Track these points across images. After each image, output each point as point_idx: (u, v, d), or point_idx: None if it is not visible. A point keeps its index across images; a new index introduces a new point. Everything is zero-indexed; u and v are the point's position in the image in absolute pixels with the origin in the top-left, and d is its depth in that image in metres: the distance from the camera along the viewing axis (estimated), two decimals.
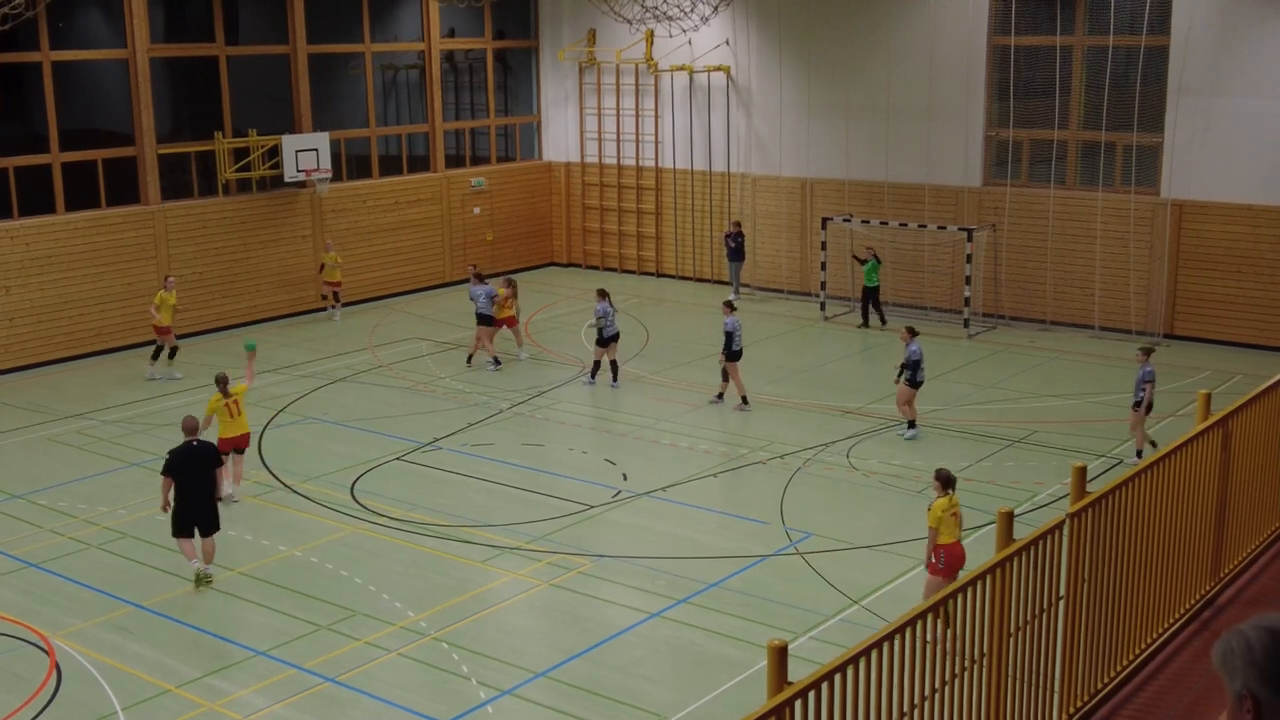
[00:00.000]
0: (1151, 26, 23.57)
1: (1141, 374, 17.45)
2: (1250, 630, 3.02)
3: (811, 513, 16.16)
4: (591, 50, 31.07)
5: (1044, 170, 25.71)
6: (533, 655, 12.60)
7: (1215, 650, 3.09)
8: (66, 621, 13.45)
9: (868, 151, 27.25)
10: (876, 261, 25.47)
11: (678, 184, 30.50)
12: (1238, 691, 3.03)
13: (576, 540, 15.39)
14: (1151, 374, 17.42)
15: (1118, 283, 24.65)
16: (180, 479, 14.23)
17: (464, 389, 21.70)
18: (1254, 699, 3.00)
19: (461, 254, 30.27)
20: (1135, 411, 17.51)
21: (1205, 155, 23.51)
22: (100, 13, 25.19)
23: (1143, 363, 17.57)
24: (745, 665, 12.15)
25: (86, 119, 25.28)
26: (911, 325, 19.55)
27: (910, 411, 18.94)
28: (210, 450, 14.66)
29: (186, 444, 14.46)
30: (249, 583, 14.37)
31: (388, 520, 16.08)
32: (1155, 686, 8.43)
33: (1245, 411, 9.62)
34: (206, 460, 14.46)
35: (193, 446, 14.43)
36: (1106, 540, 8.05)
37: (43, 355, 23.50)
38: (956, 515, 12.37)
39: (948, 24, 25.77)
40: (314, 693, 11.92)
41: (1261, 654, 2.98)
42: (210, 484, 14.47)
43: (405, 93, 30.43)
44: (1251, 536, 10.12)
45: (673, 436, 19.42)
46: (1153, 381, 17.42)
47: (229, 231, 26.22)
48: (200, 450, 14.44)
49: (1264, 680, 2.98)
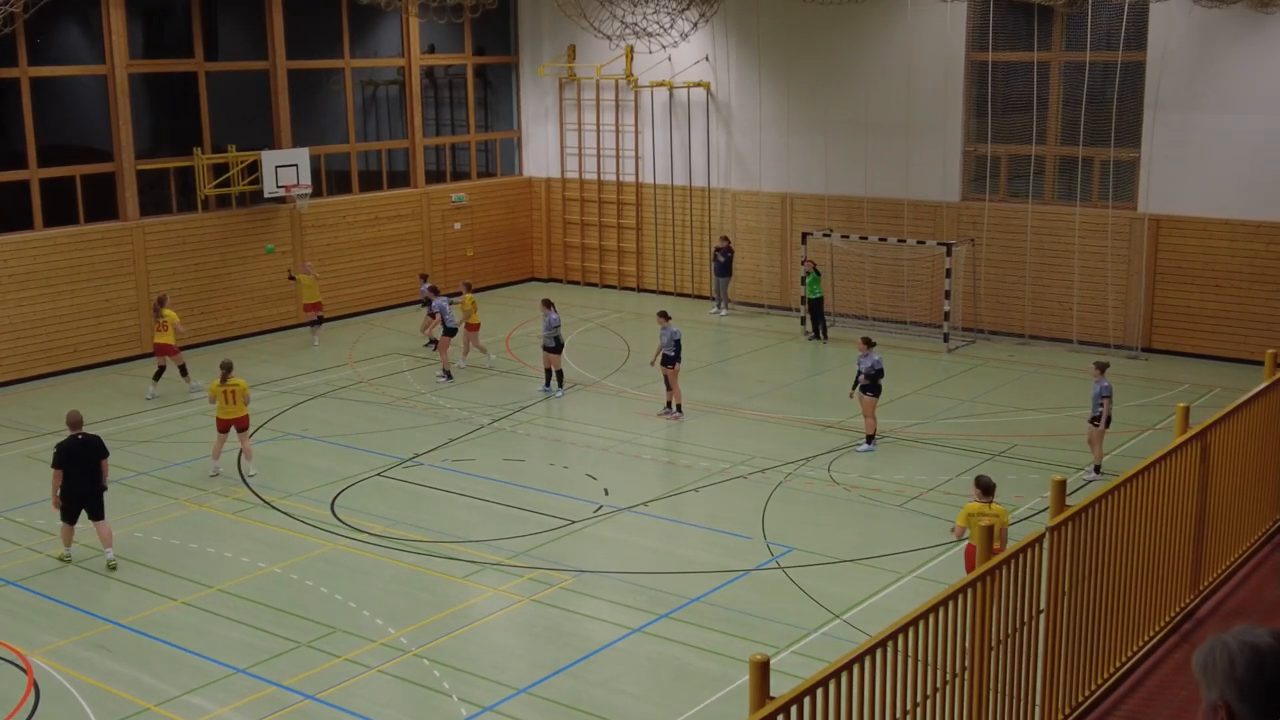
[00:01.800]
0: (1128, 42, 23.74)
1: (1098, 389, 17.55)
2: (1234, 643, 3.03)
3: (793, 527, 16.17)
4: (571, 66, 31.12)
5: (1022, 185, 25.84)
6: (514, 671, 12.56)
7: (1196, 656, 3.11)
8: (44, 639, 13.36)
9: (847, 167, 27.35)
10: (816, 274, 25.62)
11: (658, 199, 30.55)
12: (1213, 701, 3.05)
13: (558, 555, 15.36)
14: (1108, 389, 17.52)
15: (1096, 297, 24.78)
16: (68, 471, 15.01)
17: (444, 404, 21.66)
18: (1229, 711, 3.02)
19: (442, 269, 30.23)
20: (1095, 426, 17.59)
21: (1182, 170, 23.66)
22: (79, 29, 25.13)
23: (1098, 378, 17.67)
24: (727, 680, 12.14)
25: (65, 135, 25.20)
26: (868, 336, 19.70)
27: (872, 425, 19.05)
28: (95, 443, 15.34)
29: (72, 437, 15.22)
30: (228, 600, 14.30)
31: (368, 536, 16.03)
32: (1136, 699, 8.46)
33: (1223, 425, 9.67)
34: (92, 451, 15.21)
35: (78, 440, 15.20)
36: (1086, 553, 8.08)
37: (21, 372, 23.37)
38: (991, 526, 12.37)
39: (926, 40, 25.90)
40: (294, 710, 11.86)
41: (1243, 669, 2.99)
42: (97, 474, 15.19)
43: (385, 108, 30.42)
44: (1231, 549, 10.17)
45: (654, 451, 19.42)
46: (1110, 397, 17.51)
47: (208, 247, 26.14)
48: (85, 443, 15.22)
49: (1241, 696, 3.00)
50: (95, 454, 15.20)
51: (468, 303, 23.94)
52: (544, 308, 22.20)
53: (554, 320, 21.86)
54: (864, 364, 18.88)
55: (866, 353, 18.93)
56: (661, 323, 20.83)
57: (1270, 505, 10.91)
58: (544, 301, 22.46)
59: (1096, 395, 17.54)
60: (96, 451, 15.22)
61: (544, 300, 22.54)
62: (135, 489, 17.89)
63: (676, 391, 20.78)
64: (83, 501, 15.12)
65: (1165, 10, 22.81)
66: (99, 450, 15.25)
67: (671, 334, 20.59)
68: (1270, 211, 22.92)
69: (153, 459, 19.18)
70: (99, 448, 15.28)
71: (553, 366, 22.05)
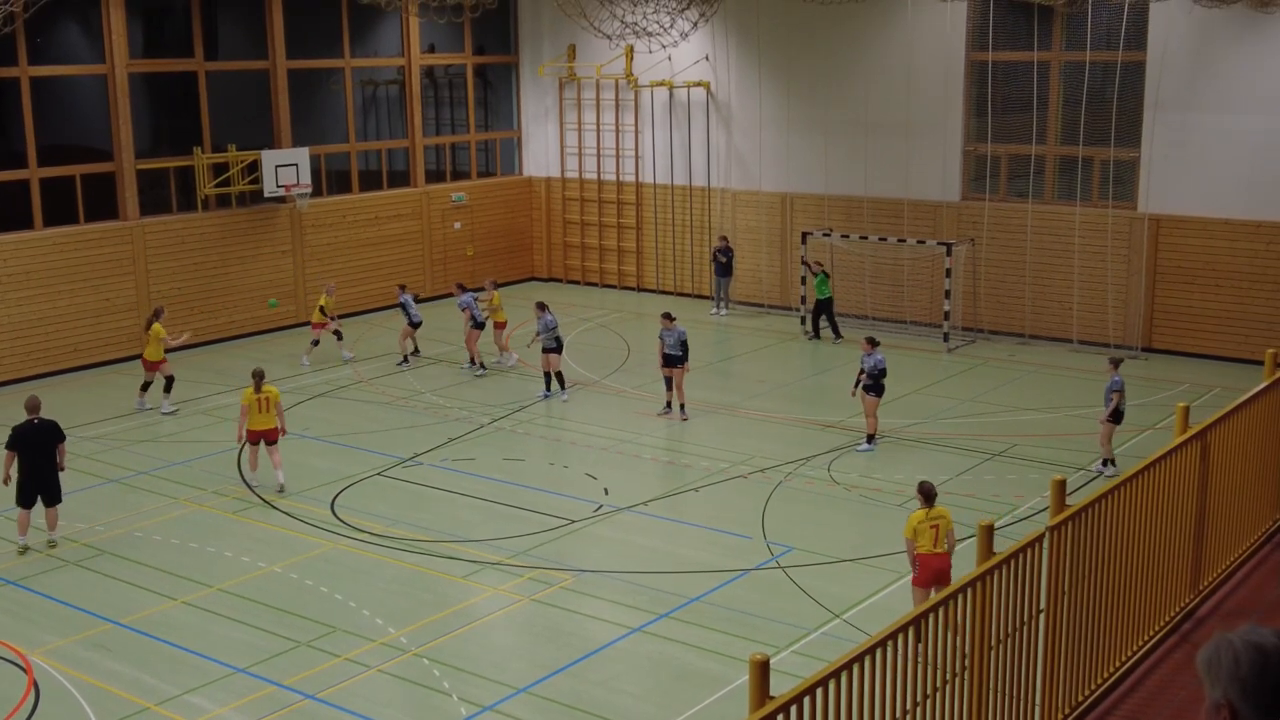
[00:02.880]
0: (1128, 42, 23.73)
1: (1110, 384, 17.63)
2: (1239, 643, 3.04)
3: (793, 527, 16.17)
4: (571, 66, 31.12)
5: (1022, 185, 25.85)
6: (514, 671, 12.56)
7: (1201, 654, 3.12)
8: (44, 639, 13.36)
9: (847, 166, 27.35)
10: (825, 275, 25.62)
11: (658, 199, 30.55)
12: (1217, 700, 3.06)
13: (558, 555, 15.36)
14: (1119, 383, 17.66)
15: (1096, 297, 24.78)
16: (23, 454, 15.28)
17: (445, 404, 21.66)
18: (1232, 710, 3.03)
19: (442, 269, 30.25)
20: (1109, 423, 17.62)
21: (1182, 170, 23.66)
22: (79, 28, 25.13)
23: (1112, 373, 17.76)
24: (727, 680, 12.13)
25: (65, 134, 25.20)
26: (872, 336, 19.70)
27: (873, 424, 19.06)
28: (51, 427, 15.55)
29: (28, 421, 15.47)
30: (228, 599, 14.30)
31: (368, 536, 16.03)
32: (1136, 699, 8.46)
33: (1223, 424, 9.67)
34: (48, 436, 15.46)
35: (33, 424, 15.45)
36: (1086, 553, 8.08)
37: (20, 371, 23.36)
38: (936, 528, 12.38)
39: (926, 40, 25.90)
40: (294, 709, 11.86)
41: (1247, 669, 3.00)
42: (51, 458, 15.43)
43: (385, 108, 30.42)
44: (1230, 548, 10.17)
45: (654, 451, 19.42)
46: (1121, 391, 17.59)
47: (208, 247, 26.14)
48: (40, 427, 15.46)
49: (1244, 696, 3.01)
50: (51, 438, 15.53)
51: (495, 299, 23.96)
52: (539, 310, 22.04)
53: (551, 321, 21.73)
54: (868, 363, 18.87)
55: (870, 351, 18.92)
56: (665, 324, 20.75)
57: (1270, 505, 10.92)
58: (538, 304, 22.30)
59: (1108, 390, 17.61)
60: (53, 435, 15.54)
61: (538, 303, 22.40)
62: (135, 489, 17.89)
63: (680, 392, 20.72)
64: (41, 487, 15.46)
65: (1165, 10, 22.81)
66: (55, 434, 15.57)
67: (678, 335, 20.52)
68: (1270, 211, 22.92)
69: (153, 459, 19.18)
70: (55, 432, 15.60)
71: (551, 369, 21.84)
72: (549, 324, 21.72)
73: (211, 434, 20.26)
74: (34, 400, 15.86)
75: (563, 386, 21.93)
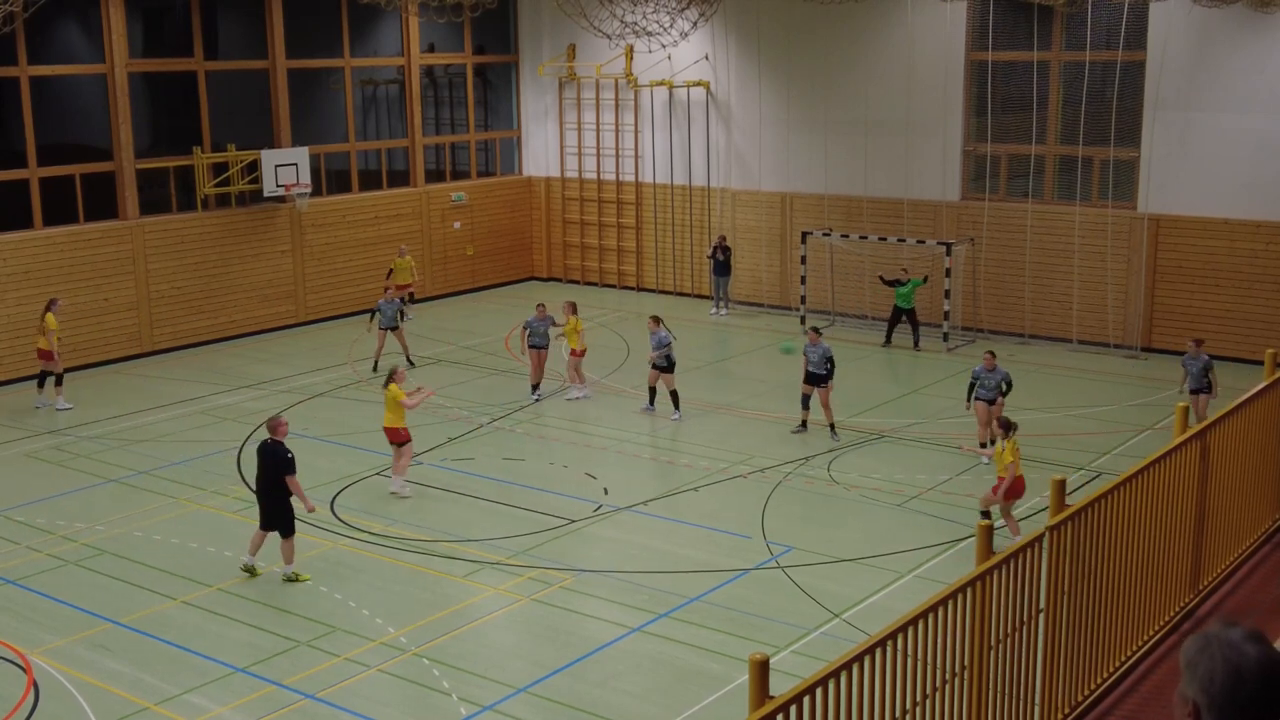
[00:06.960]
0: (1128, 42, 23.73)
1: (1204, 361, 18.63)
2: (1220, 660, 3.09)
3: (793, 526, 16.17)
4: (571, 65, 31.12)
5: (1022, 185, 25.85)
6: (514, 670, 12.56)
7: (1187, 646, 3.19)
8: (44, 638, 13.36)
9: (847, 166, 27.35)
10: (916, 282, 24.72)
11: (658, 199, 30.55)
12: (1186, 695, 3.16)
13: (557, 555, 15.36)
14: (1209, 362, 18.69)
15: (1095, 296, 24.78)
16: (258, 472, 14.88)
17: (444, 404, 21.65)
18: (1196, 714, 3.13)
19: (442, 269, 30.25)
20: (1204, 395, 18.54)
21: (1182, 170, 23.67)
22: (79, 28, 25.13)
23: (1195, 354, 18.71)
24: (727, 679, 12.14)
25: (65, 134, 25.20)
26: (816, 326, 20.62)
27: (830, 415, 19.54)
28: (272, 449, 14.77)
29: (263, 440, 14.96)
30: (228, 599, 14.30)
31: (368, 535, 16.03)
32: (1135, 699, 8.46)
33: (1223, 424, 9.68)
34: (267, 459, 14.73)
35: (265, 445, 14.82)
36: (1086, 553, 8.08)
37: (19, 371, 23.34)
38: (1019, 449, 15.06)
39: (926, 39, 25.91)
40: (293, 709, 11.86)
41: (1219, 690, 3.08)
42: (276, 484, 14.68)
43: (385, 107, 30.42)
44: (1230, 548, 10.17)
45: (653, 450, 19.42)
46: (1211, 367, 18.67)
47: (208, 246, 26.14)
48: (263, 448, 14.83)
49: (1210, 708, 3.10)
50: (273, 462, 14.69)
51: (572, 323, 21.76)
52: (652, 324, 21.01)
53: (665, 338, 20.71)
54: (813, 354, 19.37)
55: (816, 342, 19.42)
56: (652, 326, 20.68)
57: (1270, 505, 10.92)
58: (652, 318, 21.21)
59: (1204, 367, 18.59)
60: (275, 460, 14.70)
61: (652, 317, 21.29)
62: (135, 488, 17.89)
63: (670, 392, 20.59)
64: (264, 510, 14.78)
65: (1165, 10, 22.81)
66: (276, 460, 14.71)
67: (660, 339, 20.42)
68: (1270, 211, 22.92)
69: (153, 459, 19.17)
70: (275, 456, 14.74)
71: (668, 387, 20.69)
72: (663, 340, 20.59)
73: (211, 434, 20.26)
74: (271, 420, 15.05)
75: (675, 406, 20.61)
